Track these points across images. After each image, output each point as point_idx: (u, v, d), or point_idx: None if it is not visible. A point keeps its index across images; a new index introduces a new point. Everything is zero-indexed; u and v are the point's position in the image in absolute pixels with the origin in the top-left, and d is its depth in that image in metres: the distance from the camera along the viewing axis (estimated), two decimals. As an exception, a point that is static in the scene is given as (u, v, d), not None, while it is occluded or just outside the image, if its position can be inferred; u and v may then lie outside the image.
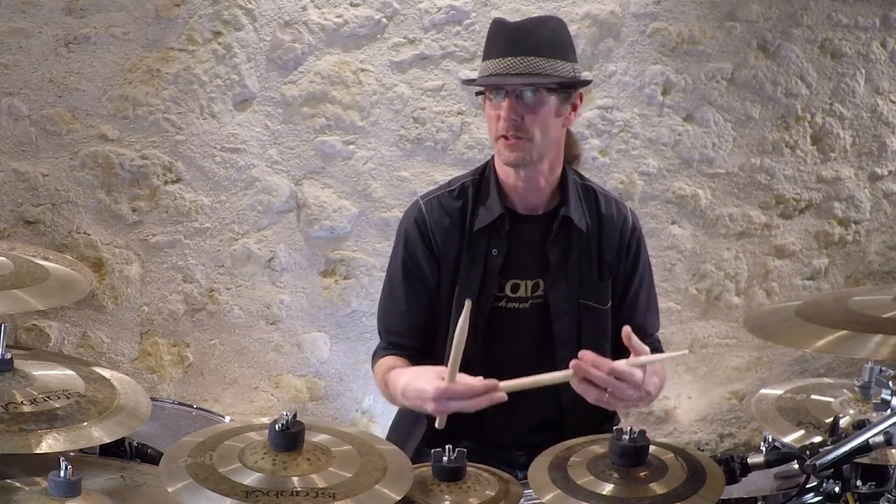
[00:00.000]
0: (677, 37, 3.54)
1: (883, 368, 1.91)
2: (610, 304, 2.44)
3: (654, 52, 3.54)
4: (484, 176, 2.43)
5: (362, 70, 3.32)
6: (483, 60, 2.31)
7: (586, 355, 2.07)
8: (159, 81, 3.17)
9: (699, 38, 3.56)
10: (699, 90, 3.61)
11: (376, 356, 2.49)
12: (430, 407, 2.07)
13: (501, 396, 2.02)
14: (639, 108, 3.57)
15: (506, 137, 2.26)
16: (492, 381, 2.02)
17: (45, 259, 2.14)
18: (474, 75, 3.35)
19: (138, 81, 3.16)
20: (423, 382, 2.09)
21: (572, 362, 2.05)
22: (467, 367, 2.39)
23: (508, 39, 2.27)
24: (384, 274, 3.34)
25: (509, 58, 2.23)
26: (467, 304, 1.99)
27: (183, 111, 3.21)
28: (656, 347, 2.56)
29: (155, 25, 3.14)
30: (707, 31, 3.57)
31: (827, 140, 3.79)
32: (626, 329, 2.11)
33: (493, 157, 2.43)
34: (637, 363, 2.08)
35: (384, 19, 3.30)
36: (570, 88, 2.30)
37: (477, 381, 2.03)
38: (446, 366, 2.11)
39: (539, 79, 2.23)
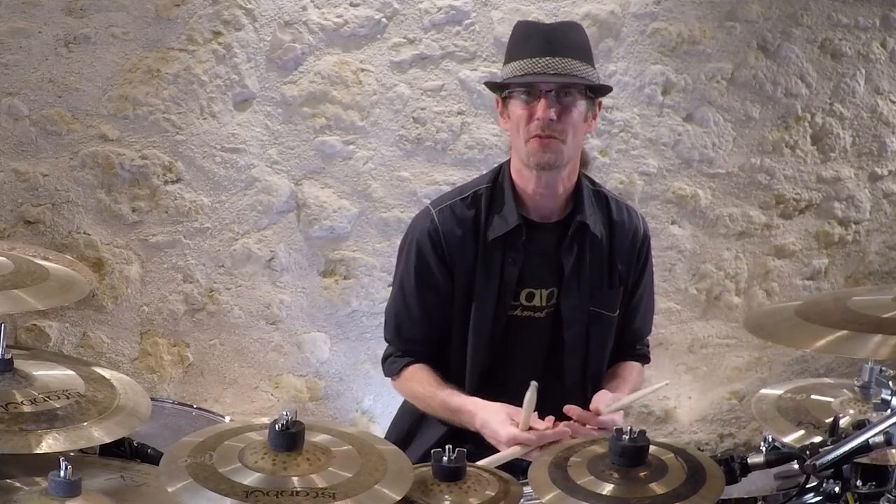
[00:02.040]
0: (677, 37, 3.54)
1: (883, 368, 1.91)
2: (618, 311, 2.45)
3: (654, 52, 3.54)
4: (497, 182, 2.40)
5: (362, 70, 3.32)
6: (512, 61, 2.30)
7: (572, 410, 2.19)
8: (159, 81, 3.17)
9: (699, 38, 3.56)
10: (699, 90, 3.61)
11: (392, 363, 2.47)
12: (500, 447, 2.18)
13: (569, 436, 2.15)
14: (639, 108, 3.57)
15: (540, 137, 2.25)
16: (563, 430, 2.14)
17: (45, 259, 2.13)
18: (475, 76, 3.39)
19: (138, 81, 3.16)
20: (496, 426, 2.20)
21: (563, 425, 2.17)
22: (480, 376, 2.41)
23: (544, 40, 2.26)
24: (384, 274, 3.38)
25: (547, 57, 2.23)
26: (533, 385, 2.14)
27: (183, 111, 3.21)
28: (644, 353, 2.59)
29: (155, 25, 3.14)
30: (707, 31, 3.57)
31: (827, 140, 3.79)
32: (595, 407, 2.23)
33: (506, 163, 2.42)
34: (620, 406, 2.24)
35: (384, 19, 3.30)
36: (599, 94, 2.32)
37: (549, 432, 2.14)
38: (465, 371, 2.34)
39: (578, 80, 2.23)
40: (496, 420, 2.19)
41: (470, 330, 2.38)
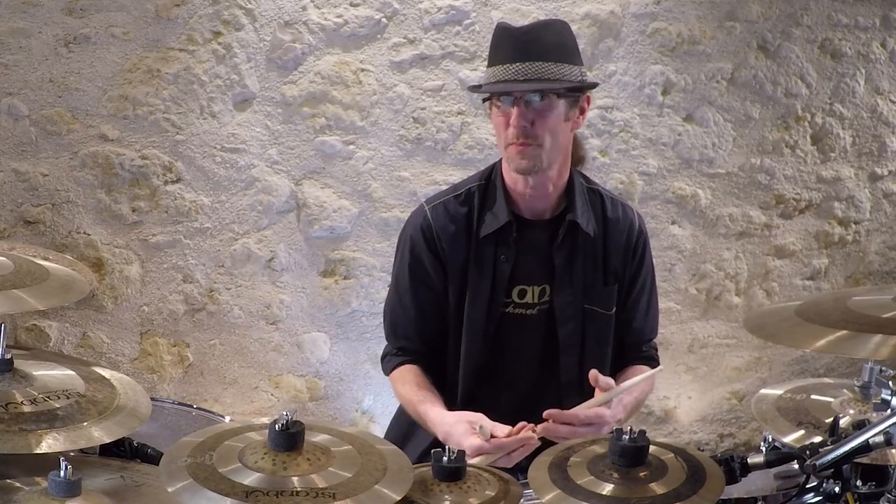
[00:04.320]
0: (677, 37, 3.54)
1: (883, 368, 1.91)
2: (614, 309, 2.44)
3: (654, 52, 3.54)
4: (490, 181, 2.41)
5: (362, 70, 3.32)
6: (489, 66, 2.30)
7: (551, 414, 2.15)
8: (159, 81, 3.17)
9: (699, 38, 3.56)
10: (699, 90, 3.61)
11: (388, 361, 2.48)
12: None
13: (534, 442, 2.12)
14: (639, 108, 3.57)
15: (516, 144, 2.25)
16: (525, 436, 2.11)
17: (45, 259, 2.13)
18: (474, 76, 3.39)
19: (138, 81, 3.16)
20: (459, 437, 2.17)
21: (540, 427, 2.13)
22: (475, 374, 2.41)
23: (515, 45, 2.24)
24: (384, 274, 3.38)
25: (517, 63, 2.21)
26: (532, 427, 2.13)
27: (183, 111, 3.21)
28: (651, 355, 2.58)
29: (155, 25, 3.14)
30: (707, 31, 3.57)
31: (827, 140, 3.79)
32: (593, 372, 2.20)
33: (499, 161, 2.42)
34: (603, 400, 2.17)
35: (384, 19, 3.30)
36: (577, 92, 2.30)
37: (509, 439, 2.12)
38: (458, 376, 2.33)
39: (548, 84, 2.21)
40: (457, 432, 2.18)
41: (464, 327, 2.39)
